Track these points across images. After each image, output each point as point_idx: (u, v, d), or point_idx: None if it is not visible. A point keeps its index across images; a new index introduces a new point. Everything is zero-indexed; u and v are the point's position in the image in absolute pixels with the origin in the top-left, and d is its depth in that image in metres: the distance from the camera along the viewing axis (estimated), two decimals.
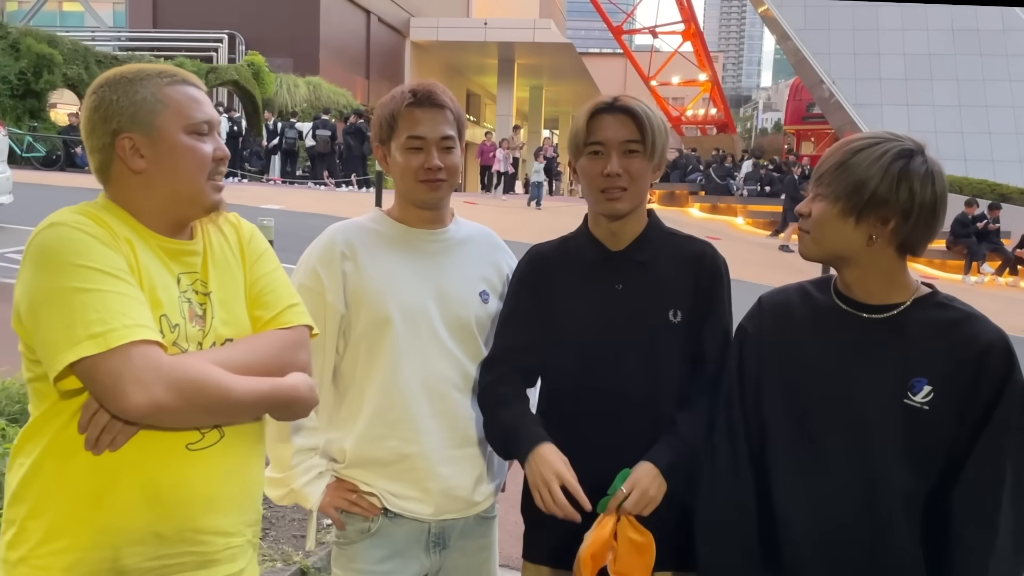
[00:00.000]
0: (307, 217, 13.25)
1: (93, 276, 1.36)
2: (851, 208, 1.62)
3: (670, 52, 39.93)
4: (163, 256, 1.53)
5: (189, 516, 1.49)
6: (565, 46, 33.96)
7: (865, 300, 1.69)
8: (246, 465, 1.61)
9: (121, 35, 28.58)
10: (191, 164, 1.52)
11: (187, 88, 1.55)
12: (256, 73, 25.02)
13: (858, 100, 27.08)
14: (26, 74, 19.92)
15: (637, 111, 1.91)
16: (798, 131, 37.59)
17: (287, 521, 3.62)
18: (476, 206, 17.19)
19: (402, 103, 1.99)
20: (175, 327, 1.48)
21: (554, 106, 46.29)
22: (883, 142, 1.63)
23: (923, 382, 1.61)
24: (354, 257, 2.00)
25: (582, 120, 1.94)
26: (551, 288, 2.00)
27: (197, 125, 1.53)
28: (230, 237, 1.67)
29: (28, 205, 10.82)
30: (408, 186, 2.03)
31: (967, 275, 17.34)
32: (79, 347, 1.32)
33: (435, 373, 2.00)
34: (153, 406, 1.34)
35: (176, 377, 1.36)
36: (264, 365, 1.53)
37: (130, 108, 1.49)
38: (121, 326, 1.34)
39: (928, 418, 1.60)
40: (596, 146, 1.92)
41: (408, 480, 1.99)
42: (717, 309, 1.95)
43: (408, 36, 34.35)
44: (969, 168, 23.36)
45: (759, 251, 17.26)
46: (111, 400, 1.34)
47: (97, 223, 1.44)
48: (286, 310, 1.64)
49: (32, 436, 1.48)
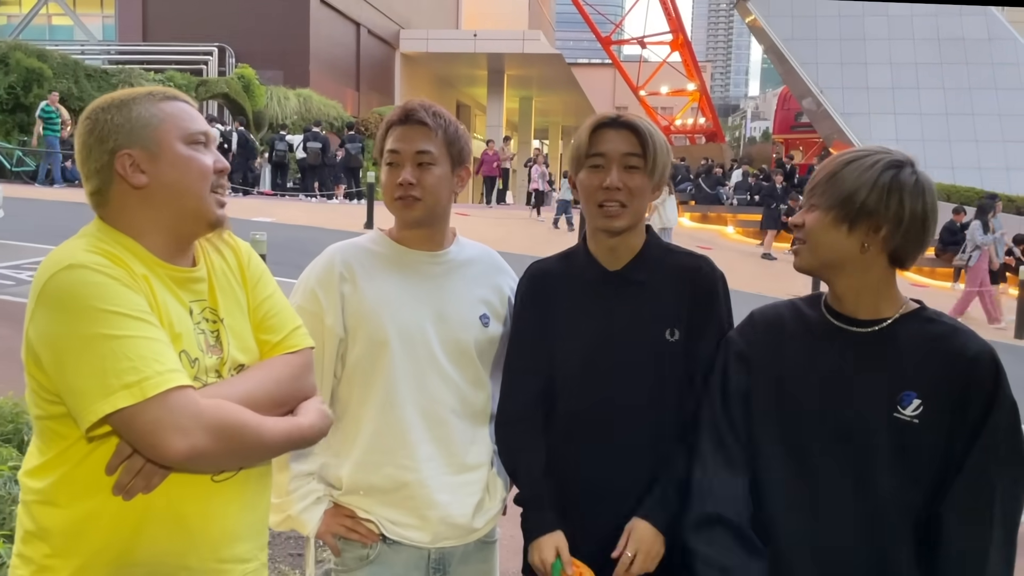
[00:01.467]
0: (299, 230, 13.24)
1: (120, 321, 1.34)
2: (844, 216, 1.65)
3: (658, 62, 40.10)
4: (173, 287, 1.51)
5: (214, 547, 1.49)
6: (554, 57, 34.05)
7: (855, 314, 1.71)
8: (260, 493, 1.62)
9: (111, 49, 28.49)
10: (193, 173, 1.50)
11: (179, 103, 1.54)
12: (246, 86, 24.98)
13: (846, 109, 27.28)
14: (15, 88, 19.84)
15: (640, 126, 1.92)
16: (786, 140, 37.75)
17: (283, 539, 3.60)
18: (469, 217, 17.20)
19: (388, 124, 2.01)
20: (195, 362, 1.47)
21: (544, 116, 46.33)
22: (873, 154, 1.67)
23: (912, 396, 1.62)
24: (353, 279, 1.98)
25: (584, 133, 1.94)
26: (553, 308, 2.00)
27: (195, 135, 1.52)
28: (230, 260, 1.65)
29: (19, 220, 10.79)
30: (388, 202, 2.02)
31: (956, 282, 17.40)
32: (114, 398, 1.30)
33: (433, 398, 1.98)
34: (194, 452, 1.34)
35: (216, 423, 1.37)
36: (284, 395, 1.55)
37: (126, 125, 1.47)
38: (155, 373, 1.32)
39: (917, 432, 1.61)
40: (597, 158, 1.92)
41: (406, 508, 1.97)
42: (714, 326, 1.95)
43: (398, 48, 34.38)
44: (957, 176, 23.53)
45: (750, 260, 17.31)
46: (150, 448, 1.33)
47: (115, 263, 1.41)
48: (291, 333, 1.65)
49: (45, 475, 1.44)
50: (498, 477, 2.10)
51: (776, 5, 29.37)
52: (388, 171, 1.99)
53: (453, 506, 1.99)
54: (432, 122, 1.98)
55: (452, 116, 2.05)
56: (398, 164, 1.97)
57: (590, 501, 1.95)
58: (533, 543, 1.95)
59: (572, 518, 1.94)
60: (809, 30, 28.44)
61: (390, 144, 1.99)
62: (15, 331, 1.46)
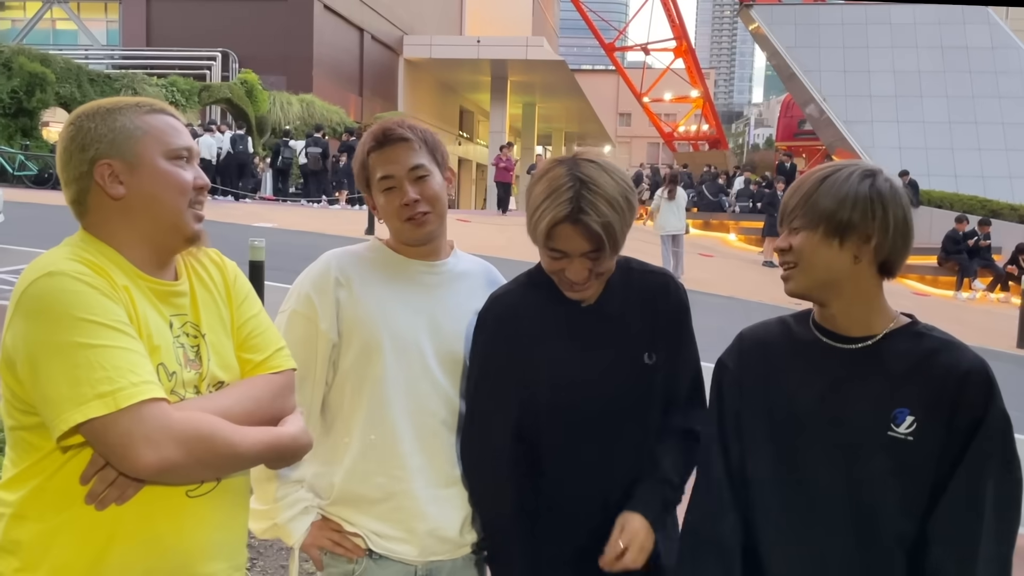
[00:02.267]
0: (299, 235, 13.24)
1: (97, 330, 1.33)
2: (832, 230, 1.63)
3: (662, 69, 40.18)
4: (154, 299, 1.50)
5: (187, 563, 1.47)
6: (558, 63, 34.12)
7: (846, 332, 1.69)
8: (236, 509, 1.59)
9: (114, 53, 28.60)
10: (171, 188, 1.49)
11: (165, 117, 1.53)
12: (249, 91, 25.05)
13: (848, 117, 27.28)
14: (18, 93, 19.91)
15: (596, 230, 1.77)
16: (790, 147, 37.78)
17: (275, 551, 3.58)
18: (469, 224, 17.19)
19: (366, 151, 1.99)
20: (172, 375, 1.46)
21: (547, 123, 46.38)
22: (844, 167, 1.67)
23: (906, 412, 1.60)
24: (348, 285, 1.96)
25: (543, 226, 1.80)
26: (524, 344, 1.93)
27: (176, 151, 1.51)
28: (215, 277, 1.64)
29: (20, 224, 10.80)
30: (395, 227, 1.99)
31: (959, 291, 17.38)
32: (87, 407, 1.29)
33: (424, 408, 1.96)
34: (164, 464, 1.32)
35: (186, 435, 1.35)
36: (263, 413, 1.54)
37: (109, 135, 1.46)
38: (129, 384, 1.31)
39: (912, 449, 1.60)
40: (556, 252, 1.83)
41: (394, 520, 1.94)
42: (686, 339, 1.98)
43: (401, 54, 34.47)
44: (959, 184, 23.50)
45: (751, 268, 17.30)
46: (120, 460, 1.32)
47: (96, 272, 1.40)
48: (274, 354, 1.63)
49: (20, 487, 1.42)
50: None
51: (779, 13, 29.43)
52: (387, 196, 1.96)
53: (441, 518, 1.96)
54: (412, 135, 1.97)
55: (420, 123, 2.06)
56: (395, 187, 1.95)
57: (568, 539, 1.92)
58: None
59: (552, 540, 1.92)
60: (812, 38, 28.47)
61: (380, 171, 1.96)
62: None
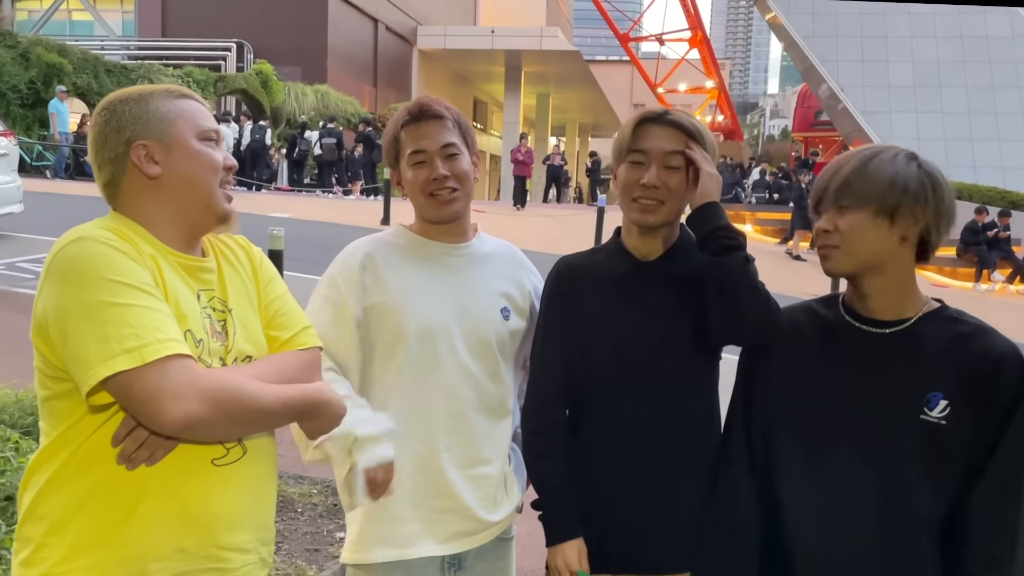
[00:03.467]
0: (316, 225, 13.27)
1: (124, 291, 1.37)
2: (885, 209, 1.61)
3: (677, 59, 39.95)
4: (182, 272, 1.54)
5: (212, 531, 1.49)
6: (572, 54, 33.99)
7: (879, 315, 1.67)
8: (264, 482, 1.62)
9: (130, 44, 28.69)
10: (205, 167, 1.55)
11: (193, 101, 1.60)
12: (264, 82, 25.08)
13: (866, 107, 27.07)
14: (36, 83, 19.97)
15: (687, 124, 1.87)
16: (806, 138, 37.54)
17: (300, 535, 3.60)
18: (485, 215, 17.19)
19: (399, 124, 1.99)
20: (199, 342, 1.48)
21: (561, 113, 46.24)
22: (885, 149, 1.65)
23: (939, 396, 1.59)
24: (375, 270, 1.98)
25: (628, 128, 1.91)
26: (581, 301, 1.97)
27: (207, 132, 1.57)
28: (242, 259, 1.69)
29: (38, 214, 10.86)
30: (420, 203, 2.00)
31: (978, 283, 17.25)
32: (114, 361, 1.32)
33: (452, 392, 1.96)
34: (190, 419, 1.34)
35: (212, 389, 1.37)
36: (289, 383, 1.55)
37: (144, 117, 1.52)
38: (155, 340, 1.35)
39: (945, 433, 1.59)
40: (638, 154, 1.88)
41: (418, 500, 1.94)
42: None
43: (415, 44, 34.43)
44: (979, 175, 23.30)
45: (768, 259, 17.20)
46: (147, 415, 1.35)
47: (122, 238, 1.45)
48: (302, 331, 1.67)
49: (52, 455, 1.46)
50: (515, 473, 2.09)
51: (796, 2, 29.20)
52: (416, 170, 1.97)
53: (467, 498, 1.98)
54: (447, 113, 1.99)
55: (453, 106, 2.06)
56: (426, 162, 1.96)
57: (618, 501, 1.93)
58: (554, 548, 1.94)
59: (599, 519, 1.93)
60: (830, 27, 28.26)
61: (412, 145, 1.98)
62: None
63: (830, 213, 1.66)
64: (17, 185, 10.34)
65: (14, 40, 20.28)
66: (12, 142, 10.63)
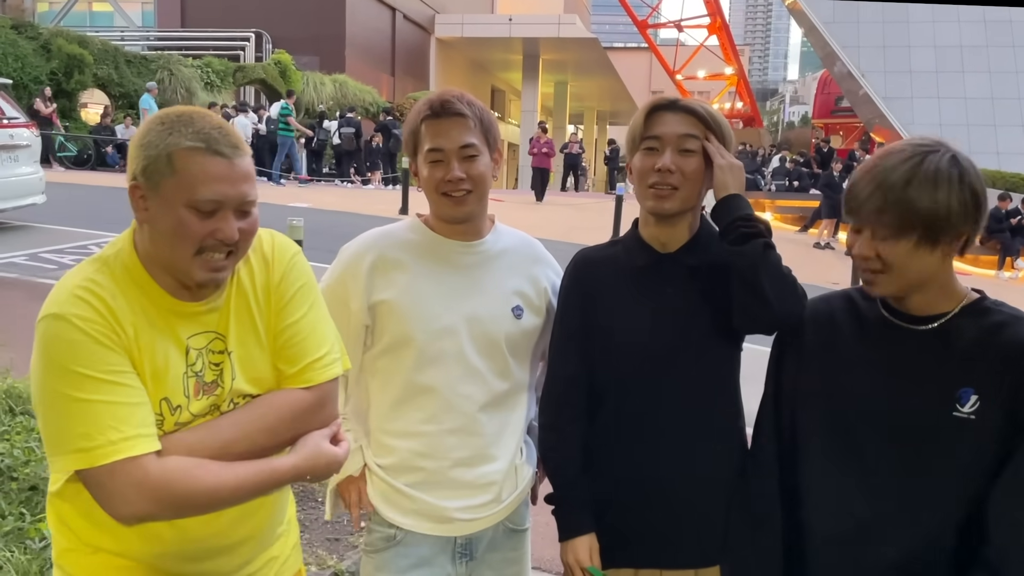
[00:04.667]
0: (335, 215, 13.30)
1: (86, 384, 1.38)
2: (929, 238, 1.55)
3: (696, 46, 39.70)
4: (174, 321, 1.49)
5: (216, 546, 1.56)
6: (590, 41, 33.80)
7: (916, 311, 1.65)
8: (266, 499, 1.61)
9: (150, 35, 28.82)
10: (176, 237, 1.43)
11: (208, 160, 1.41)
12: (283, 71, 25.13)
13: (888, 93, 26.76)
14: (57, 74, 20.11)
15: (699, 110, 1.87)
16: (826, 125, 37.20)
17: (320, 524, 3.61)
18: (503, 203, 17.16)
19: (420, 118, 1.95)
20: (176, 409, 1.48)
21: (579, 101, 46.06)
22: (924, 155, 1.56)
23: (970, 392, 1.57)
24: (384, 268, 1.96)
25: (641, 116, 1.90)
26: (598, 294, 1.95)
27: (198, 203, 1.41)
28: (258, 280, 1.59)
29: (61, 205, 10.96)
30: (433, 200, 1.98)
31: (1000, 270, 17.07)
32: (67, 458, 1.38)
33: (457, 392, 1.96)
34: (141, 516, 1.40)
35: (160, 489, 1.39)
36: (279, 439, 1.53)
37: (148, 159, 1.42)
38: (107, 442, 1.36)
39: (976, 427, 1.56)
40: (652, 141, 1.87)
41: (429, 495, 1.97)
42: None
43: (433, 33, 34.36)
44: (1002, 162, 22.98)
45: (788, 247, 17.02)
46: (103, 505, 1.40)
47: (100, 312, 1.41)
48: (309, 366, 1.58)
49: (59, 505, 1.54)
50: (526, 465, 2.08)
51: None
52: (432, 168, 1.94)
53: (474, 498, 1.98)
54: (469, 112, 1.94)
55: (479, 100, 2.02)
56: (443, 161, 1.93)
57: (639, 496, 1.91)
58: (565, 544, 1.93)
59: (621, 515, 1.92)
60: (851, 12, 27.91)
61: (430, 142, 1.94)
62: None
63: (868, 237, 1.60)
64: (40, 176, 10.44)
65: (35, 32, 20.42)
66: (34, 133, 10.72)
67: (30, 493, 3.10)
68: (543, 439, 2.02)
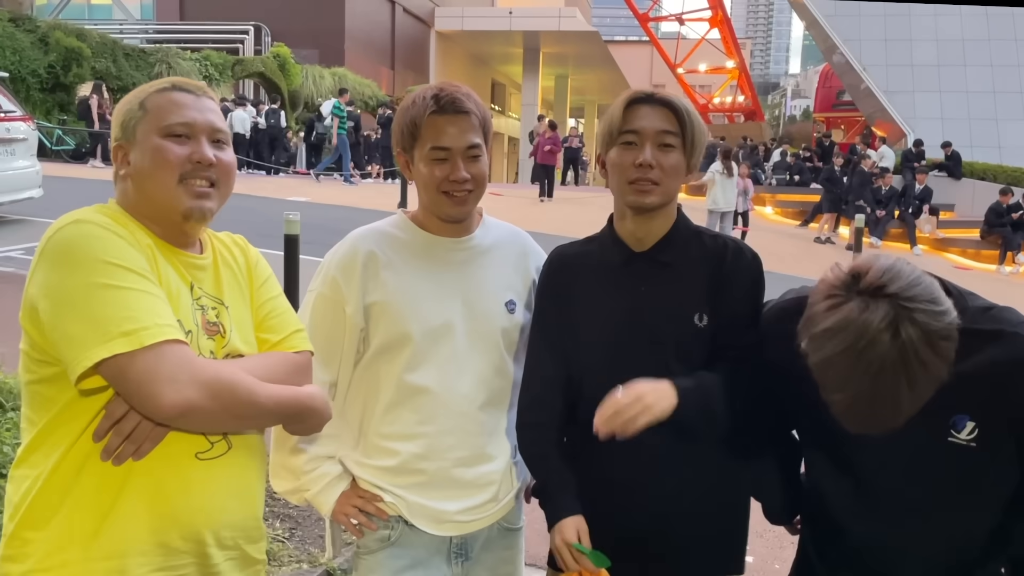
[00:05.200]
0: (333, 209, 13.28)
1: (123, 274, 1.36)
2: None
3: (697, 39, 39.62)
4: (177, 264, 1.53)
5: (194, 526, 1.48)
6: (591, 34, 33.75)
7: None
8: (249, 478, 1.60)
9: (149, 28, 28.76)
10: (157, 164, 1.49)
11: (174, 94, 1.54)
12: (282, 65, 25.08)
13: (889, 87, 26.67)
14: (55, 68, 20.07)
15: (676, 103, 1.85)
16: (828, 118, 37.13)
17: (313, 521, 3.60)
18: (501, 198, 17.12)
19: (425, 111, 1.88)
20: (188, 333, 1.46)
21: (580, 95, 46.03)
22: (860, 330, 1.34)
23: (965, 419, 1.53)
24: (375, 268, 1.93)
25: (617, 109, 1.87)
26: (574, 292, 1.93)
27: (171, 127, 1.51)
28: (238, 259, 1.68)
29: (58, 199, 10.92)
30: (431, 198, 1.93)
31: (1002, 265, 17.03)
32: (111, 344, 1.30)
33: (453, 390, 1.93)
34: (186, 405, 1.33)
35: (208, 377, 1.36)
36: (276, 374, 1.54)
37: (122, 119, 1.54)
38: (153, 324, 1.33)
39: (978, 454, 1.53)
40: (630, 135, 1.84)
41: (425, 496, 1.94)
42: (745, 312, 1.86)
43: (433, 26, 34.30)
44: (1004, 155, 22.94)
45: (789, 241, 17.06)
46: (142, 399, 1.32)
47: (119, 224, 1.45)
48: (293, 335, 1.66)
49: (39, 446, 1.43)
50: (520, 464, 2.06)
51: None
52: (434, 165, 1.89)
53: (471, 497, 1.96)
54: (475, 109, 1.90)
55: (475, 93, 1.98)
56: (448, 160, 1.88)
57: (614, 497, 1.89)
58: (553, 529, 1.91)
59: (598, 515, 1.89)
60: (852, 6, 27.80)
61: (434, 140, 1.88)
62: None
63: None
64: (36, 170, 10.42)
65: (33, 25, 20.38)
66: (31, 127, 10.68)
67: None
68: (521, 438, 1.99)
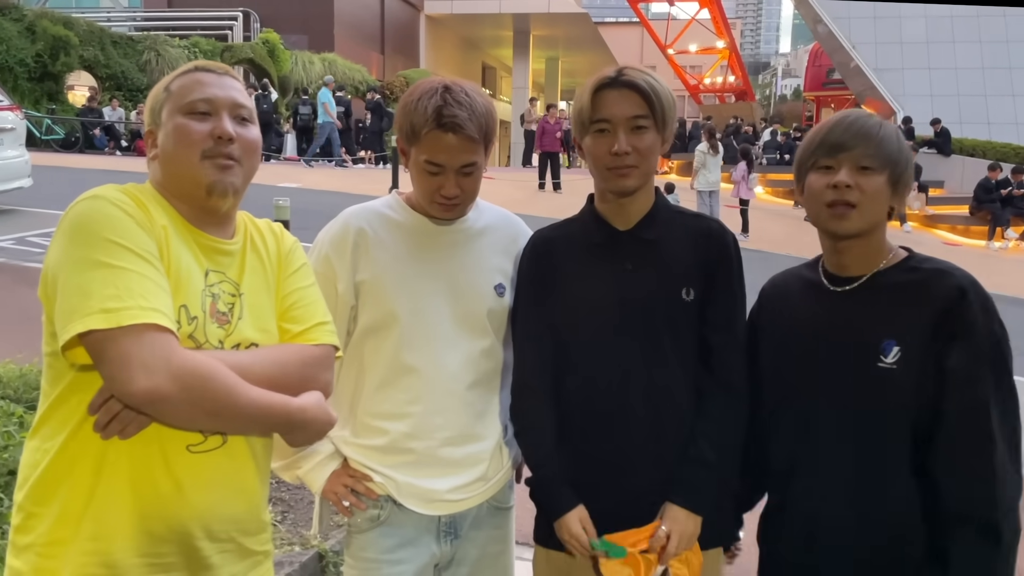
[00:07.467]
0: (323, 195, 13.26)
1: (120, 253, 1.36)
2: (894, 178, 1.70)
3: (687, 19, 39.41)
4: (196, 249, 1.53)
5: (179, 517, 1.46)
6: (581, 16, 33.60)
7: (855, 271, 1.75)
8: (244, 473, 1.56)
9: (136, 15, 28.57)
10: (180, 141, 1.52)
11: (196, 74, 1.58)
12: (271, 51, 24.95)
13: (879, 65, 26.66)
14: (43, 56, 19.94)
15: (642, 85, 1.84)
16: (818, 97, 37.06)
17: (305, 504, 3.61)
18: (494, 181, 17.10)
19: (425, 123, 1.85)
20: (193, 319, 1.45)
21: (570, 77, 45.81)
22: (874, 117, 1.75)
23: (892, 344, 1.65)
24: (366, 247, 1.95)
25: (586, 96, 1.87)
26: (559, 275, 1.94)
27: (191, 104, 1.54)
28: (270, 245, 1.67)
29: (47, 188, 10.89)
30: (425, 200, 1.95)
31: (991, 241, 17.10)
32: (89, 318, 1.30)
33: (441, 370, 1.96)
34: (155, 394, 1.31)
35: (185, 370, 1.33)
36: (284, 376, 1.51)
37: (151, 104, 1.59)
38: (136, 307, 1.32)
39: (897, 376, 1.64)
40: (602, 123, 1.86)
41: (414, 475, 1.97)
42: (726, 288, 1.91)
43: (423, 10, 34.10)
44: (992, 132, 22.97)
45: (780, 220, 17.11)
46: (115, 382, 1.32)
47: (136, 204, 1.46)
48: (316, 327, 1.62)
49: (49, 419, 1.45)
50: (511, 445, 2.08)
51: None
52: (426, 178, 1.90)
53: (459, 477, 1.99)
54: (477, 135, 1.87)
55: (480, 94, 1.93)
56: (439, 174, 1.89)
57: (604, 473, 1.91)
58: (558, 522, 1.91)
59: (586, 490, 1.91)
60: None
61: (429, 154, 1.87)
62: None
63: (851, 169, 1.68)
64: (25, 159, 10.39)
65: (20, 13, 20.22)
66: (19, 116, 10.65)
67: (8, 478, 3.08)
68: (514, 411, 2.01)
